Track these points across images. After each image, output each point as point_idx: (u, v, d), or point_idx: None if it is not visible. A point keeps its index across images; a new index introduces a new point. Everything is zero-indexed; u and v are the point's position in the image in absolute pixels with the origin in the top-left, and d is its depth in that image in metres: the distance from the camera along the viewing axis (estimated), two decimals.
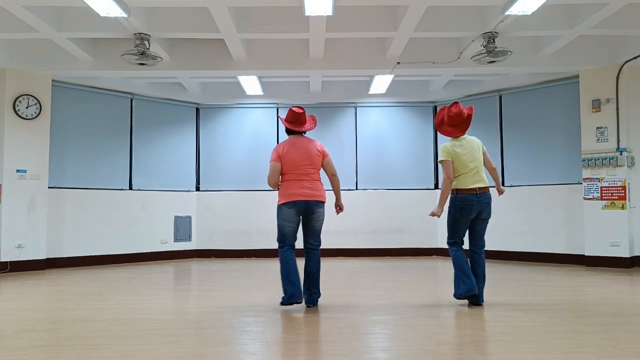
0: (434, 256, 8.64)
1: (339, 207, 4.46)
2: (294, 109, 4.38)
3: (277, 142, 8.88)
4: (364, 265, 7.53)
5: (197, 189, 8.90)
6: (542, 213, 7.54)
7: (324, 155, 4.34)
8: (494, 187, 4.58)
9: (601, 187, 6.84)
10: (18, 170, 6.80)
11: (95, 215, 7.63)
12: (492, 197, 4.36)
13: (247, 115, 9.01)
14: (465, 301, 4.41)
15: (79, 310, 4.25)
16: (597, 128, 6.92)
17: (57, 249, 7.25)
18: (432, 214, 4.33)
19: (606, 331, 3.41)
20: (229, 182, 8.90)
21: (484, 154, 4.44)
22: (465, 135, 4.45)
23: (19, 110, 6.82)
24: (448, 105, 4.49)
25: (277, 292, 5.12)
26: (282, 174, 4.29)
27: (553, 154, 7.56)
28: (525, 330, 3.43)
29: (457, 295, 4.26)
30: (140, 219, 8.12)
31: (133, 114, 8.23)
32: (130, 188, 8.11)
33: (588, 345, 3.08)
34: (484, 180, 4.33)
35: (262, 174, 8.74)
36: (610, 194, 6.77)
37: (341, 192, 4.52)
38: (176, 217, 8.58)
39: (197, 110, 9.01)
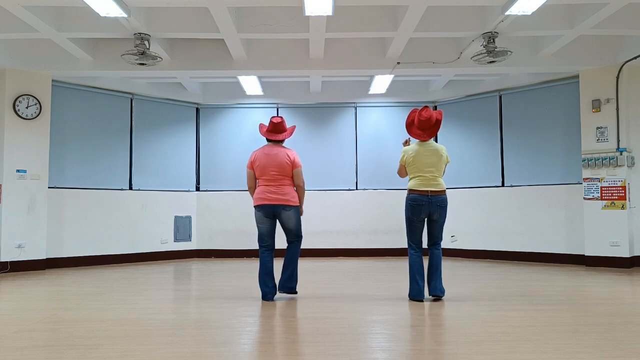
0: None
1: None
2: (272, 119, 4.72)
3: None
4: (364, 265, 7.53)
5: (197, 189, 8.90)
6: (542, 213, 7.54)
7: (294, 165, 4.66)
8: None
9: (601, 187, 6.84)
10: (18, 170, 6.80)
11: (95, 215, 7.63)
12: (447, 201, 4.59)
13: (247, 115, 9.01)
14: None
15: (79, 310, 4.25)
16: (597, 128, 6.92)
17: (57, 249, 7.25)
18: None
19: (606, 331, 3.41)
20: (229, 182, 8.90)
21: (445, 164, 4.69)
22: (432, 141, 4.68)
23: (19, 110, 6.82)
24: (419, 108, 4.74)
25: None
26: (256, 178, 4.72)
27: (553, 154, 7.56)
28: (525, 330, 3.44)
29: (409, 296, 4.60)
30: (140, 219, 8.12)
31: (133, 114, 8.23)
32: (130, 188, 8.11)
33: (588, 345, 3.08)
34: (439, 185, 4.56)
35: None
36: (610, 194, 6.77)
37: (340, 191, 4.75)
38: (176, 217, 8.58)
39: (197, 110, 9.01)
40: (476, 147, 8.35)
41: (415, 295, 4.53)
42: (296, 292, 4.74)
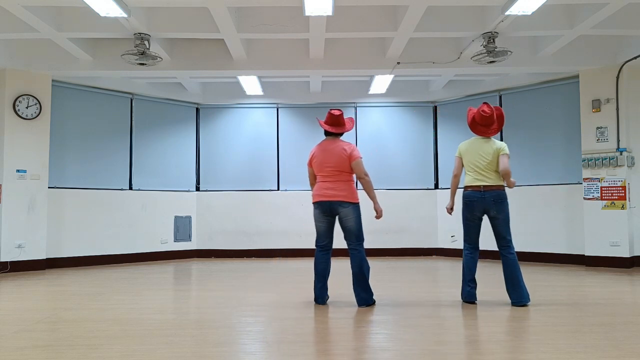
0: (433, 256, 8.64)
1: (376, 212, 4.49)
2: (332, 111, 4.47)
3: (277, 142, 8.92)
4: None
5: (197, 189, 8.90)
6: (542, 213, 7.54)
7: (351, 158, 4.33)
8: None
9: (601, 187, 6.84)
10: (18, 170, 6.80)
11: (95, 215, 7.63)
12: (506, 196, 4.34)
13: (247, 115, 9.01)
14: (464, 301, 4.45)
15: (79, 310, 4.25)
16: (597, 128, 6.92)
17: (57, 249, 7.25)
18: (447, 209, 4.56)
19: (606, 331, 3.41)
20: (229, 182, 8.90)
21: (499, 156, 4.36)
22: (491, 138, 4.45)
23: (19, 110, 6.82)
24: (473, 107, 4.58)
25: (277, 292, 5.13)
26: (315, 175, 4.50)
27: (553, 154, 7.56)
28: (525, 330, 3.43)
29: (461, 298, 4.48)
30: (140, 219, 8.12)
31: (133, 114, 8.23)
32: (130, 188, 8.11)
33: (588, 345, 3.08)
34: (494, 179, 4.33)
35: (263, 174, 8.85)
36: (610, 194, 6.77)
37: None
38: (176, 217, 8.58)
39: (197, 110, 9.01)
40: None
41: (466, 297, 4.42)
42: (374, 302, 4.43)
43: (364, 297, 4.34)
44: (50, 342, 3.24)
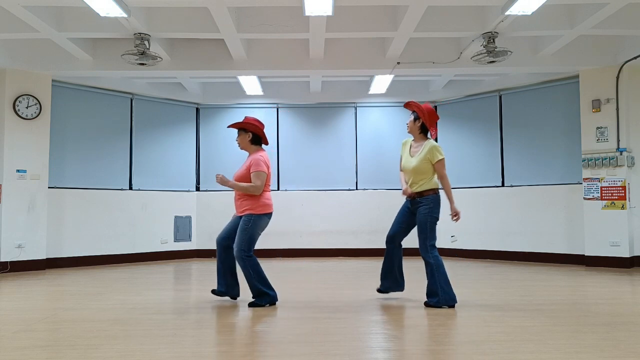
0: None
1: None
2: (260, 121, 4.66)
3: (278, 143, 8.91)
4: (364, 265, 7.52)
5: (197, 189, 8.90)
6: (542, 213, 7.54)
7: None
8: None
9: (601, 187, 6.84)
10: (18, 170, 6.80)
11: (95, 215, 7.63)
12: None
13: (247, 115, 8.99)
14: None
15: (79, 310, 4.25)
16: (597, 128, 6.92)
17: (57, 249, 7.25)
18: (455, 215, 4.36)
19: (606, 331, 3.41)
20: None
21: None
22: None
23: (19, 110, 6.82)
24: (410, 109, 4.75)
25: (277, 292, 5.12)
26: None
27: (553, 154, 7.57)
28: (525, 330, 3.43)
29: (449, 303, 4.20)
30: (140, 219, 8.12)
31: (133, 114, 8.23)
32: (130, 188, 8.11)
33: (588, 345, 3.08)
34: None
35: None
36: (610, 194, 6.77)
37: (340, 191, 4.67)
38: (176, 217, 8.58)
39: (197, 110, 9.01)
40: (476, 147, 8.35)
41: (453, 299, 4.21)
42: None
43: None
44: (50, 342, 3.24)
